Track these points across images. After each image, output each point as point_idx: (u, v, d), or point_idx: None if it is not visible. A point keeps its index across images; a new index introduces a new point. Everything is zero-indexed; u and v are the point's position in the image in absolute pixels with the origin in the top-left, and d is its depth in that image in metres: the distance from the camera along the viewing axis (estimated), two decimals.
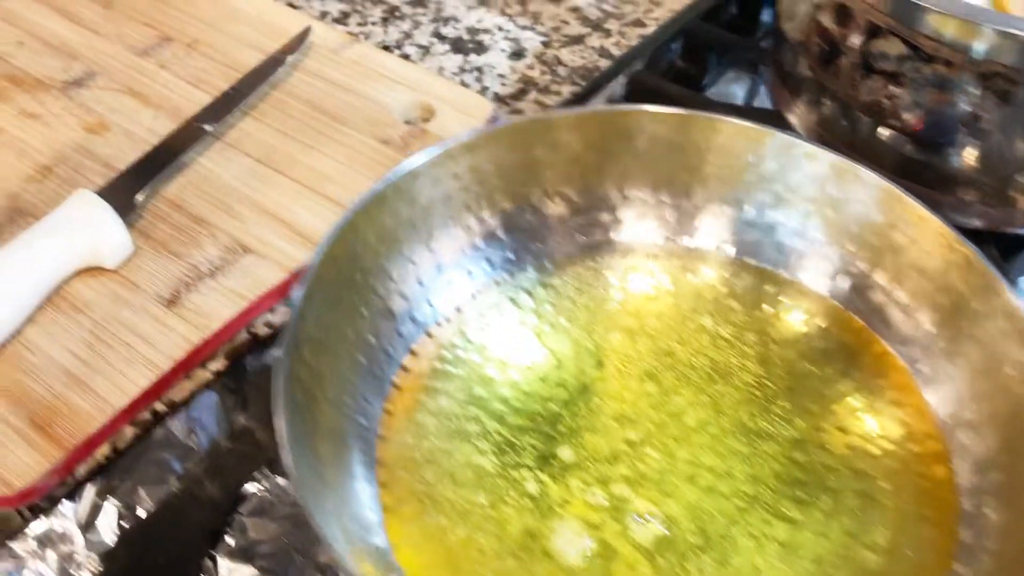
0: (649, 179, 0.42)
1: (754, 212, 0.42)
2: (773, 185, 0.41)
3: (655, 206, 0.42)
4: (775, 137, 0.40)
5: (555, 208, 0.41)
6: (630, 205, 0.42)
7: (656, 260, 0.42)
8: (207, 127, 0.50)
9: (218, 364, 0.43)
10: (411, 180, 0.37)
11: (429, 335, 0.38)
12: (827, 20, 0.45)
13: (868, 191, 0.39)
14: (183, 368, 0.42)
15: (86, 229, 0.44)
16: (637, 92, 0.53)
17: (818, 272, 0.42)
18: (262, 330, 0.44)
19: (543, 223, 0.41)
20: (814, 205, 0.41)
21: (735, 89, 0.58)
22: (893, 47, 0.42)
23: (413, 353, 0.37)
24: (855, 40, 0.43)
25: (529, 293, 0.41)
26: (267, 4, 0.61)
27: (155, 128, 0.52)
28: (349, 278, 0.35)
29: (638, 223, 0.43)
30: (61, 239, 0.43)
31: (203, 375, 0.42)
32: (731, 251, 0.42)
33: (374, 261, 0.36)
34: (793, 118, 0.49)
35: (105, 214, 0.44)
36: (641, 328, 0.40)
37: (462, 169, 0.39)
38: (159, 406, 0.41)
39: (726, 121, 0.40)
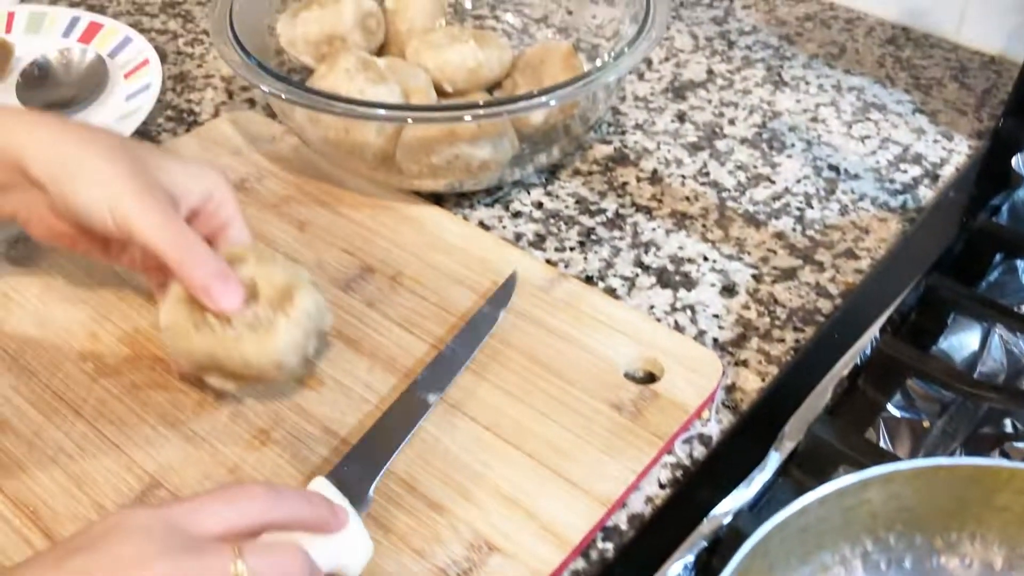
0: None
1: None
2: None
3: None
4: None
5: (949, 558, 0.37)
6: None
7: None
8: (431, 398, 0.47)
9: None
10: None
11: None
12: None
13: None
14: None
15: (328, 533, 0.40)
16: (884, 365, 0.49)
17: None
18: None
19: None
20: None
21: (966, 338, 0.54)
22: None
23: None
24: None
25: None
26: (466, 229, 0.58)
27: (371, 383, 0.49)
28: None
29: None
30: (308, 547, 0.40)
31: None
32: None
33: None
34: None
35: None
36: None
37: (855, 501, 0.35)
38: None
39: None
